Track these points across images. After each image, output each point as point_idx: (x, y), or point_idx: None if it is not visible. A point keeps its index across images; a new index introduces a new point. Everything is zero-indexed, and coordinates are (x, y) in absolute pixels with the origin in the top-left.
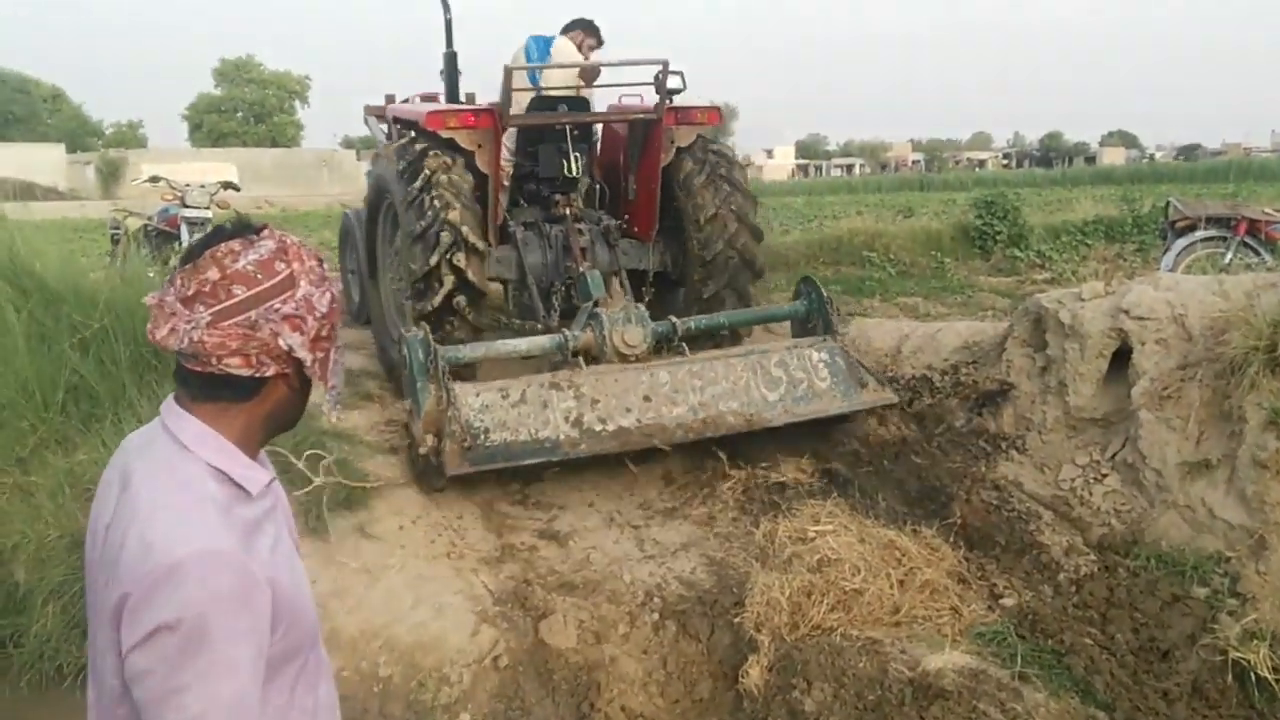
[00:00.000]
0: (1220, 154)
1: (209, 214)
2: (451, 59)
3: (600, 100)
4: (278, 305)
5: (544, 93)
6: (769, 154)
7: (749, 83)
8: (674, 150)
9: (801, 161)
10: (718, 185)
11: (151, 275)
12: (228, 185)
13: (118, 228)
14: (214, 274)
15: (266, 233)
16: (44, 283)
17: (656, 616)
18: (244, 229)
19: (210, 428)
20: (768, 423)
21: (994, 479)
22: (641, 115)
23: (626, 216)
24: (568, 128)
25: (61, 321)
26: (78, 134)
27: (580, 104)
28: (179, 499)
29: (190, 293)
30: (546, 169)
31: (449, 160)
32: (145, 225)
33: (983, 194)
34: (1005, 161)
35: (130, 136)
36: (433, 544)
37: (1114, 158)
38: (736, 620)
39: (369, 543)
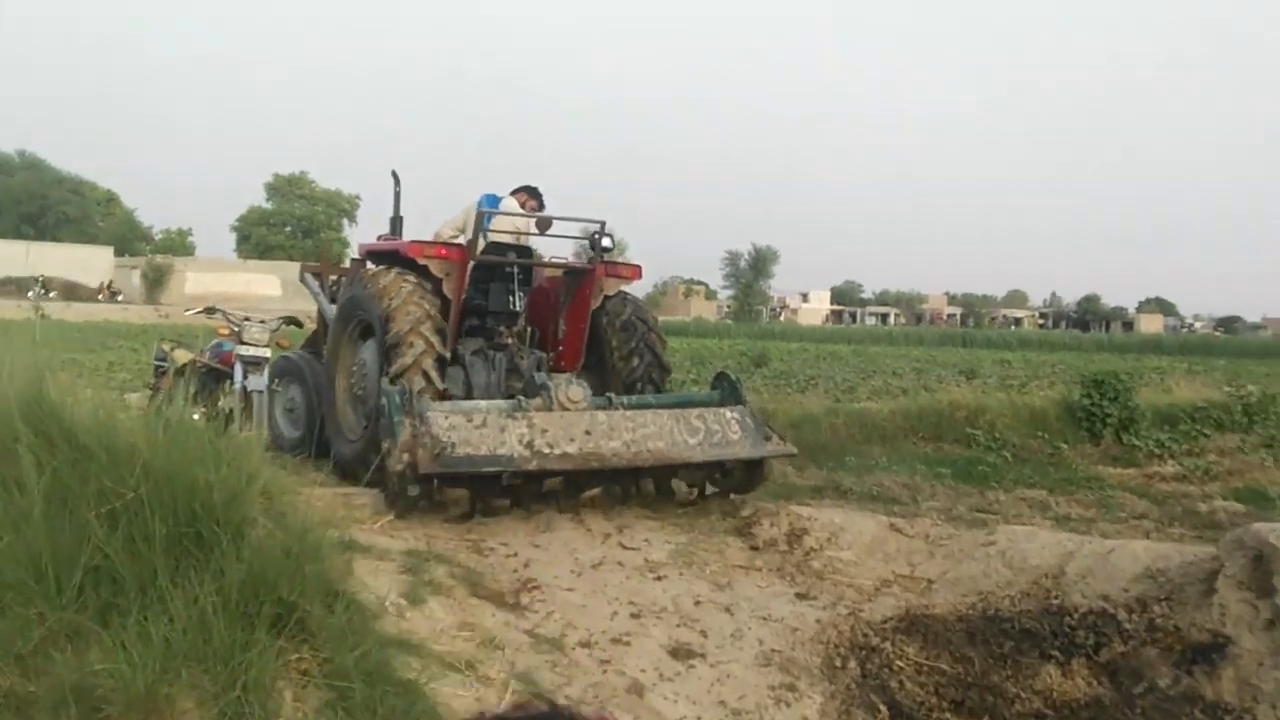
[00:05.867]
0: (1260, 328)
1: (267, 352)
2: (398, 221)
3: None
4: None
5: (494, 240)
6: (804, 298)
7: (787, 226)
8: (602, 297)
9: (836, 307)
10: (637, 326)
11: (199, 426)
12: (289, 321)
13: (163, 360)
14: None
15: None
16: (72, 434)
17: None
18: None
19: None
20: (688, 459)
21: None
22: (579, 266)
23: (553, 352)
24: (515, 270)
25: (89, 484)
26: (128, 238)
27: (525, 252)
28: None
29: None
30: (495, 303)
31: (423, 283)
32: (195, 360)
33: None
34: (1042, 321)
35: (178, 243)
36: None
37: (1151, 325)
38: None
39: None
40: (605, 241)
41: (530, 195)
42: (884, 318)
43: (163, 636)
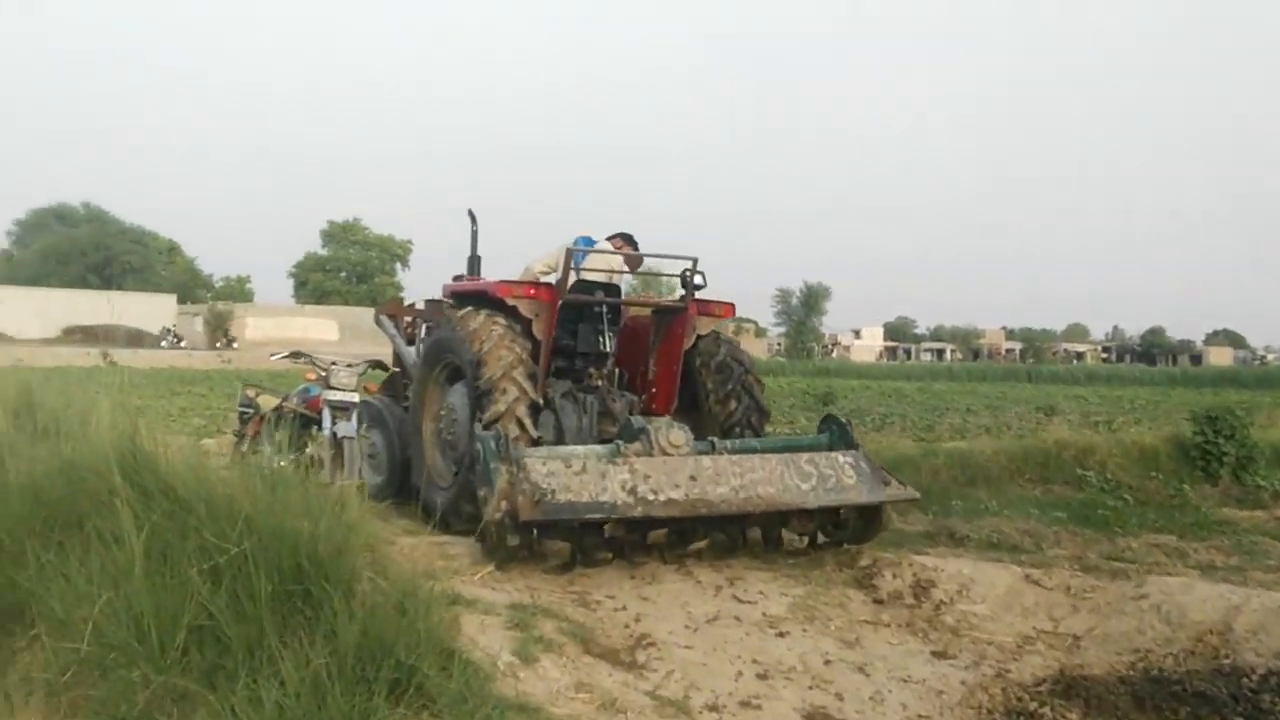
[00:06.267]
0: None
1: (355, 397)
2: (475, 261)
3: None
4: None
5: (584, 279)
6: (857, 335)
7: (839, 264)
8: (694, 337)
9: (890, 344)
10: (733, 367)
11: (298, 476)
12: (375, 365)
13: (248, 406)
14: None
15: None
16: (170, 486)
17: None
18: None
19: None
20: (801, 505)
21: None
22: (672, 304)
23: (644, 395)
24: (604, 310)
25: (188, 539)
26: (189, 286)
27: (614, 291)
28: None
29: None
30: (584, 344)
31: (513, 325)
32: (281, 405)
33: (1196, 404)
34: (1105, 355)
35: (238, 290)
36: None
37: (1221, 358)
38: None
39: None
40: (697, 279)
41: (625, 241)
42: (939, 354)
43: (275, 702)
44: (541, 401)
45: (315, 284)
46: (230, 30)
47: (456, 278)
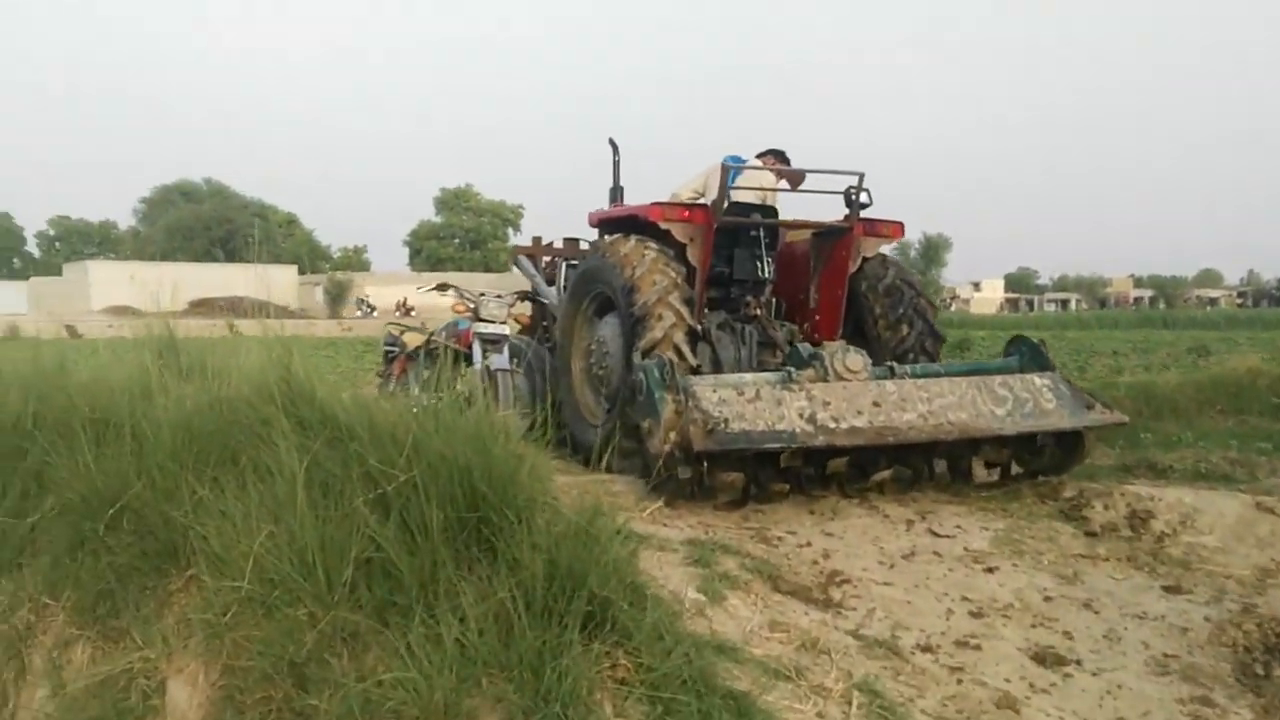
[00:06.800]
0: None
1: (506, 329)
2: (618, 192)
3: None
4: None
5: (736, 200)
6: (976, 287)
7: (955, 214)
8: (860, 260)
9: (1011, 295)
10: (903, 290)
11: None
12: (527, 296)
13: (394, 344)
14: None
15: None
16: (329, 415)
17: None
18: None
19: None
20: (998, 432)
21: None
22: (835, 225)
23: (804, 324)
24: (761, 233)
25: (352, 468)
26: (308, 258)
27: (771, 213)
28: None
29: None
30: (741, 271)
31: (666, 250)
32: (429, 342)
33: None
34: (1240, 300)
35: (355, 260)
36: None
37: None
38: None
39: None
40: (863, 197)
41: (778, 158)
42: (1063, 304)
43: (455, 639)
44: (699, 329)
45: (430, 251)
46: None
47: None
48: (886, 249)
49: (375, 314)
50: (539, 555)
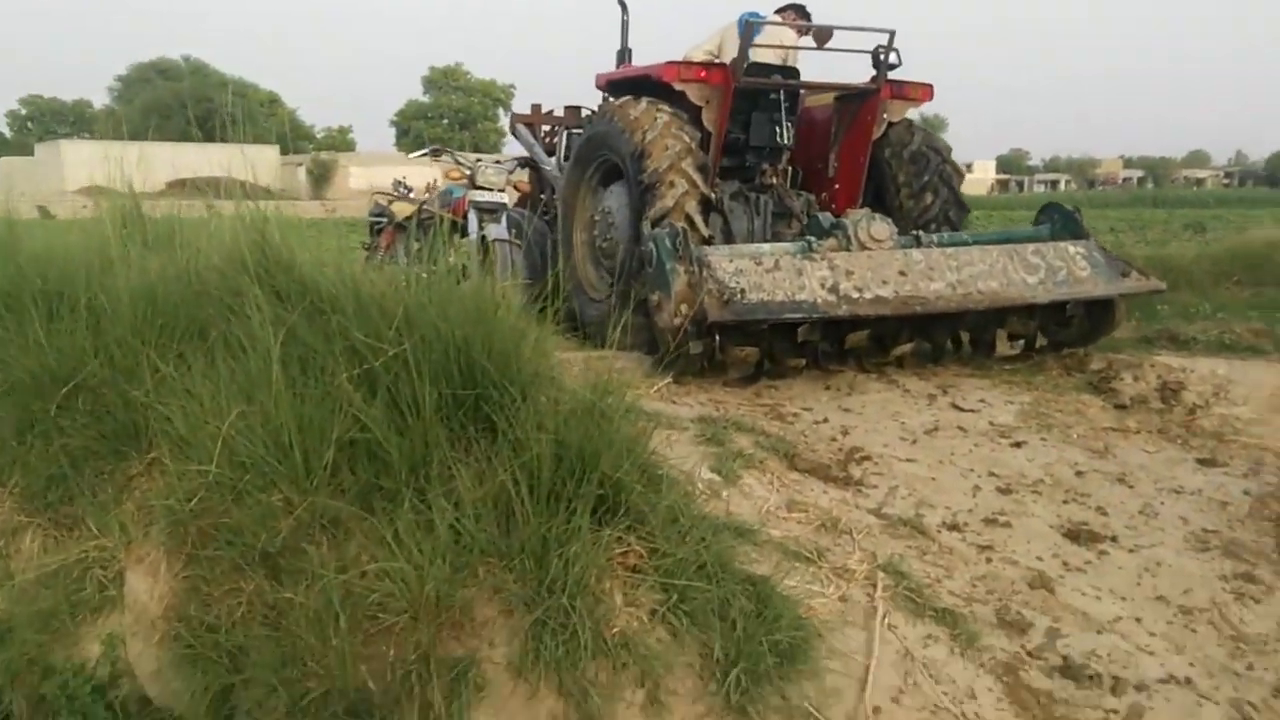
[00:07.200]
0: None
1: (504, 197)
2: (626, 54)
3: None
4: None
5: (754, 60)
6: (968, 168)
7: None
8: (885, 125)
9: (1002, 176)
10: (929, 157)
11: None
12: (526, 164)
13: (381, 215)
14: None
15: None
16: (312, 284)
17: None
18: None
19: None
20: (1031, 300)
21: None
22: (862, 87)
23: (823, 193)
24: (781, 96)
25: (334, 343)
26: (291, 138)
27: (792, 74)
28: None
29: None
30: (758, 136)
31: (679, 113)
32: (420, 210)
33: None
34: (1227, 181)
35: (340, 141)
36: None
37: None
38: None
39: None
40: (892, 57)
41: (799, 14)
42: (1053, 184)
43: (448, 525)
44: (713, 198)
45: (417, 132)
46: None
47: None
48: (913, 113)
49: (412, 194)
50: (545, 435)
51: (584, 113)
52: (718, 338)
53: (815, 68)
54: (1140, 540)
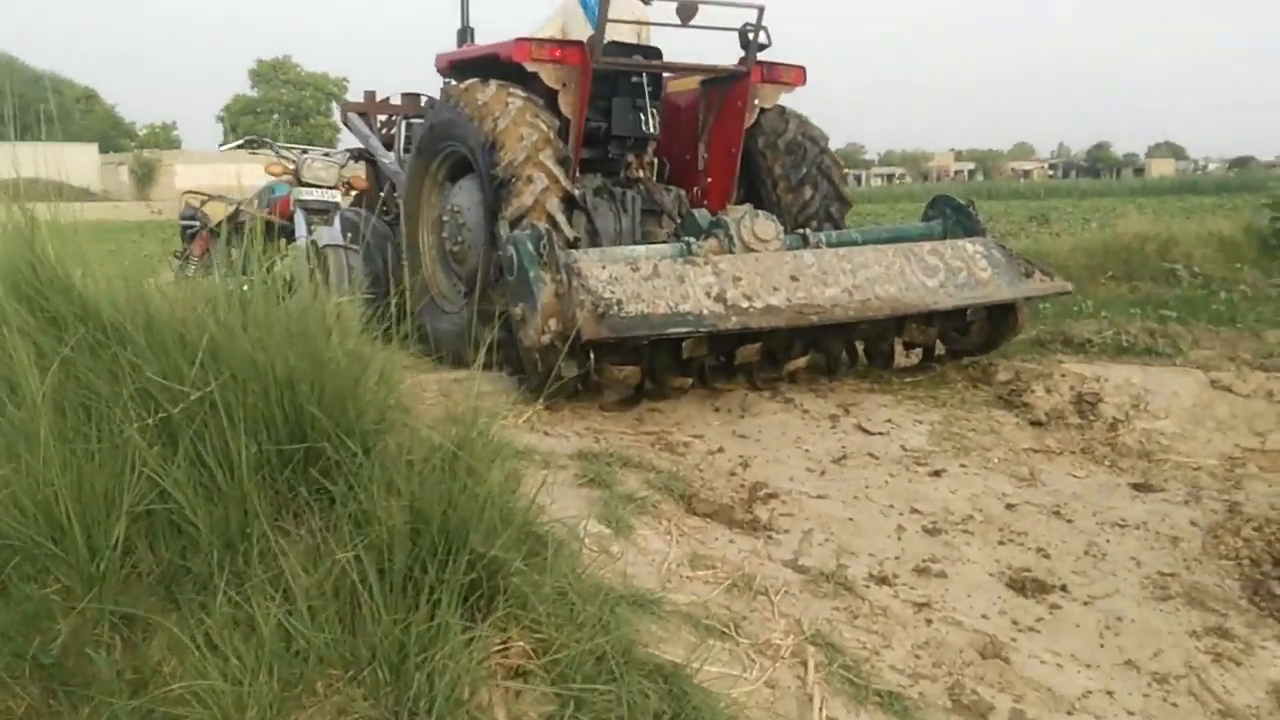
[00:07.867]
0: (1275, 166)
1: (337, 195)
2: (466, 33)
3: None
4: None
5: (613, 40)
6: None
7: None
8: (757, 112)
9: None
10: (806, 147)
11: (272, 295)
12: (361, 156)
13: (192, 218)
14: None
15: None
16: (90, 309)
17: None
18: None
19: None
20: (932, 306)
21: None
22: (730, 69)
23: (694, 188)
24: (644, 79)
25: (122, 384)
26: (110, 135)
27: (654, 54)
28: None
29: None
30: (621, 125)
31: (533, 98)
32: (237, 213)
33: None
34: (1051, 172)
35: (164, 138)
36: None
37: (1162, 169)
38: None
39: None
40: (761, 37)
41: None
42: (889, 178)
43: (275, 624)
44: (576, 194)
45: (246, 128)
46: None
47: None
48: (785, 98)
49: (264, 152)
50: (397, 503)
51: (424, 100)
52: (593, 357)
53: (674, 49)
54: (1093, 589)
